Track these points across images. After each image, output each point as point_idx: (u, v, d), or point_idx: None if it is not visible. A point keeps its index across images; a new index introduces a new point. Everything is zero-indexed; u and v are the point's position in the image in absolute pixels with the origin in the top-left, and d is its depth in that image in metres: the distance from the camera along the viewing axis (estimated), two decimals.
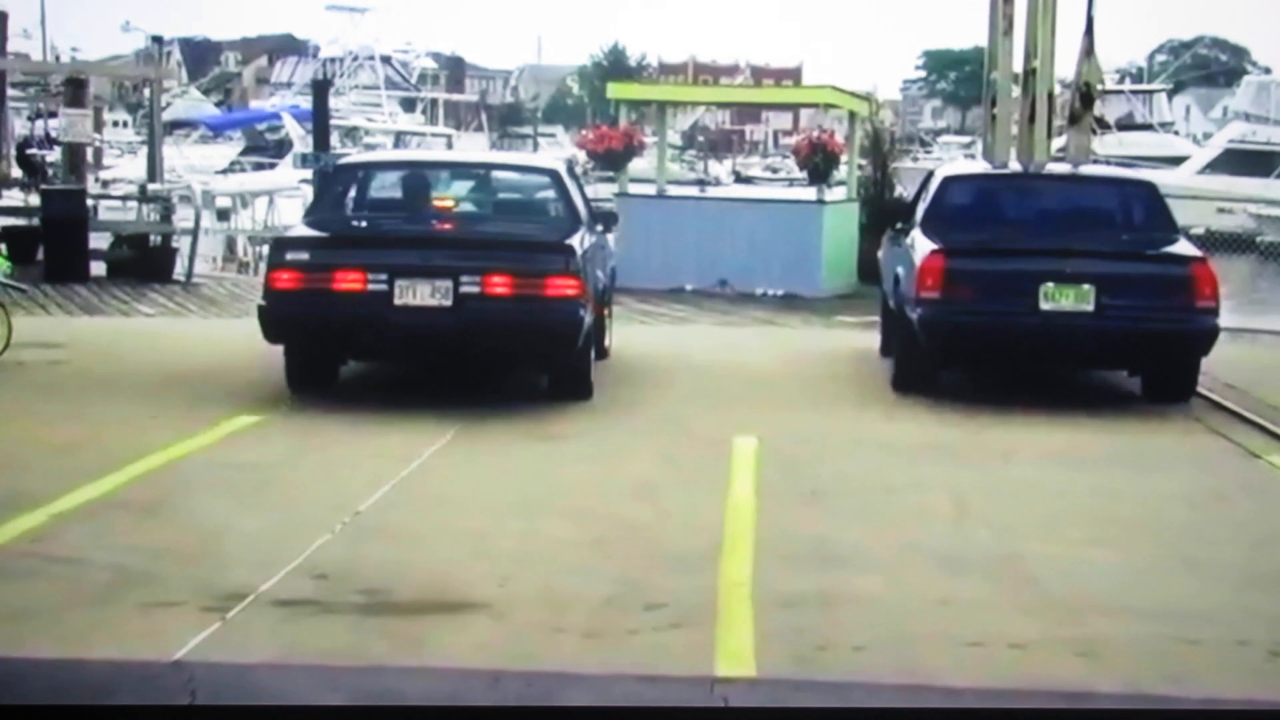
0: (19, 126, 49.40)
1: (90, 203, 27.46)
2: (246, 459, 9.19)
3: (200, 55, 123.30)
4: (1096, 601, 6.74)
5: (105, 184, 39.46)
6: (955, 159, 17.67)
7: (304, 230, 12.31)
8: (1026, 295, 11.63)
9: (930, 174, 13.94)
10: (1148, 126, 62.16)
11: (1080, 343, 11.77)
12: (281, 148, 50.71)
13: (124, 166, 50.39)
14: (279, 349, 11.52)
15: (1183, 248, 12.31)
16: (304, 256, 11.21)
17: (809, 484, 8.93)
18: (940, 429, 10.88)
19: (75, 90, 26.13)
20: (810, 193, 22.31)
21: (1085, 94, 21.36)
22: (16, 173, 35.92)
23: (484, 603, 6.41)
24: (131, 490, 8.31)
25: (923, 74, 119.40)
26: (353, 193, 12.98)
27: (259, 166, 48.20)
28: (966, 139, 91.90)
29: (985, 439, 10.56)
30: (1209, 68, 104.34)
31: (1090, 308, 11.61)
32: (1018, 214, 13.06)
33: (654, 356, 14.50)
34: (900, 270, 12.69)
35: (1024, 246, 12.16)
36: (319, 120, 26.91)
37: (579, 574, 6.89)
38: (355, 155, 20.11)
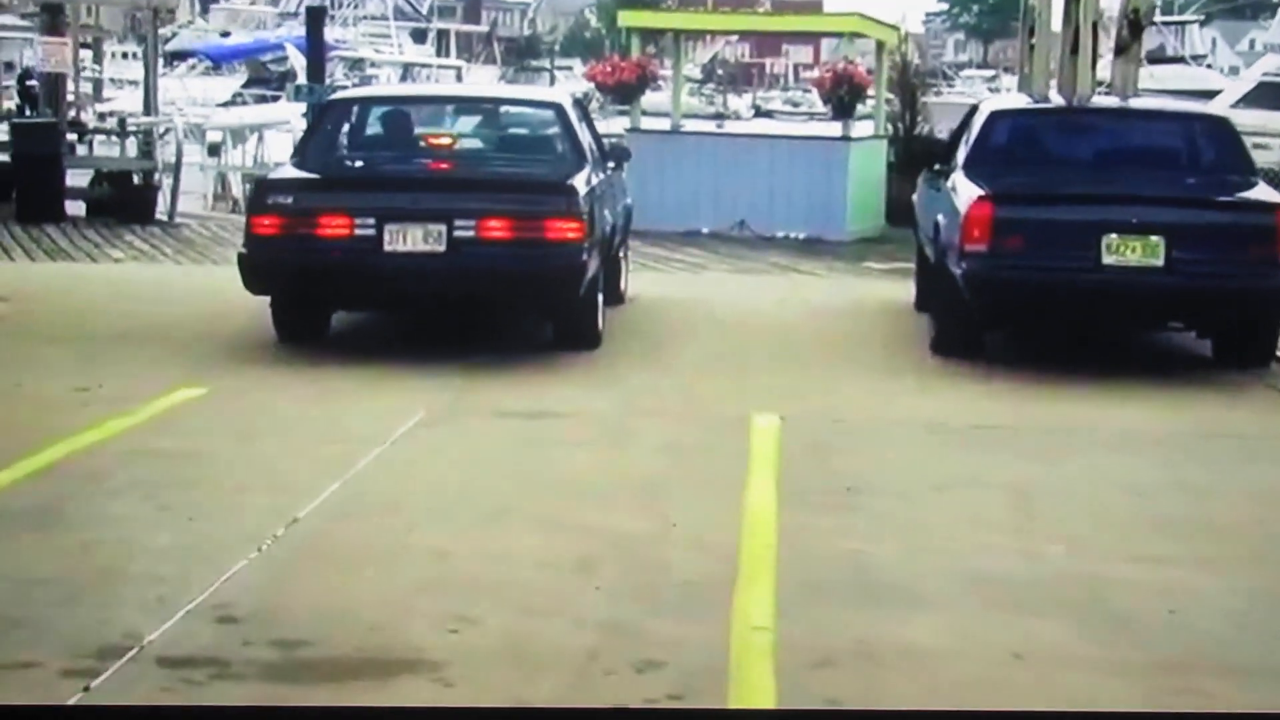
0: (27, 57, 47.85)
1: (71, 137, 26.11)
2: (176, 446, 7.76)
3: None
4: (1206, 655, 5.32)
5: (102, 117, 38.08)
6: (999, 95, 16.09)
7: (286, 171, 11.27)
8: (1086, 248, 10.15)
9: (973, 109, 12.42)
10: (1179, 59, 60.38)
11: (1148, 302, 10.33)
12: (285, 80, 49.10)
13: (124, 99, 48.88)
14: (249, 302, 10.48)
15: (1263, 193, 10.78)
16: (286, 200, 10.23)
17: (841, 479, 7.49)
18: (990, 403, 9.44)
19: (52, 17, 24.66)
20: (835, 128, 20.85)
21: (1134, 22, 19.73)
22: (15, 106, 34.49)
23: (429, 659, 4.99)
24: (18, 493, 6.86)
25: (945, 7, 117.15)
26: (343, 130, 11.85)
27: (262, 99, 46.65)
28: (989, 73, 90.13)
29: (1042, 416, 9.11)
30: (1235, 0, 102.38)
31: (1159, 262, 10.12)
32: (1075, 155, 11.51)
33: (666, 308, 13.14)
34: (941, 218, 11.20)
35: (1083, 192, 10.63)
36: (313, 51, 25.39)
37: (556, 614, 5.47)
38: (347, 90, 18.66)
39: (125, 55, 71.72)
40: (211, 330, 11.25)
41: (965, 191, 10.64)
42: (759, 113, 75.19)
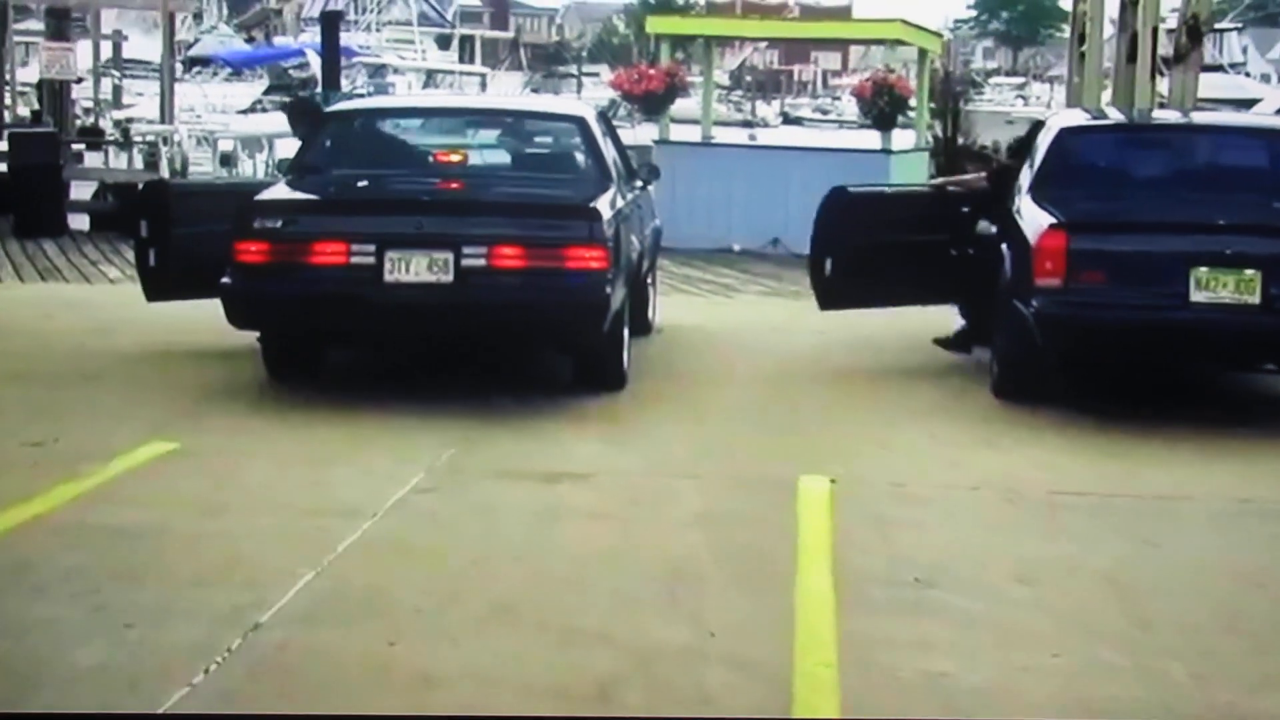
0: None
1: (79, 146, 25.13)
2: (130, 521, 6.60)
3: None
4: None
5: (118, 124, 37.16)
6: (1066, 110, 14.97)
7: (276, 191, 10.06)
8: (1173, 283, 8.99)
9: (1037, 125, 11.24)
10: (1218, 68, 59.14)
11: (1242, 343, 9.17)
12: (307, 86, 48.13)
13: (144, 106, 48.00)
14: (243, 333, 9.50)
15: None
16: (275, 224, 9.15)
17: (908, 565, 6.32)
18: (1068, 462, 8.28)
19: (57, 22, 23.69)
20: (868, 137, 19.76)
21: (1193, 28, 18.57)
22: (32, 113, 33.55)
23: None
24: None
25: (974, 13, 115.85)
26: (341, 146, 10.74)
27: (282, 107, 45.64)
28: (1019, 80, 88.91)
29: (1130, 479, 7.94)
30: (1267, 7, 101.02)
31: (1255, 299, 8.96)
32: (1157, 177, 10.31)
33: (697, 340, 12.07)
34: (1005, 247, 10.04)
35: (1169, 220, 9.45)
36: (329, 57, 24.40)
37: None
38: (348, 101, 17.54)
39: (145, 60, 70.94)
40: (198, 366, 10.17)
41: (1035, 219, 9.48)
42: (787, 120, 74.13)
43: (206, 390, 9.51)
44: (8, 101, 31.53)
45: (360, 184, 10.04)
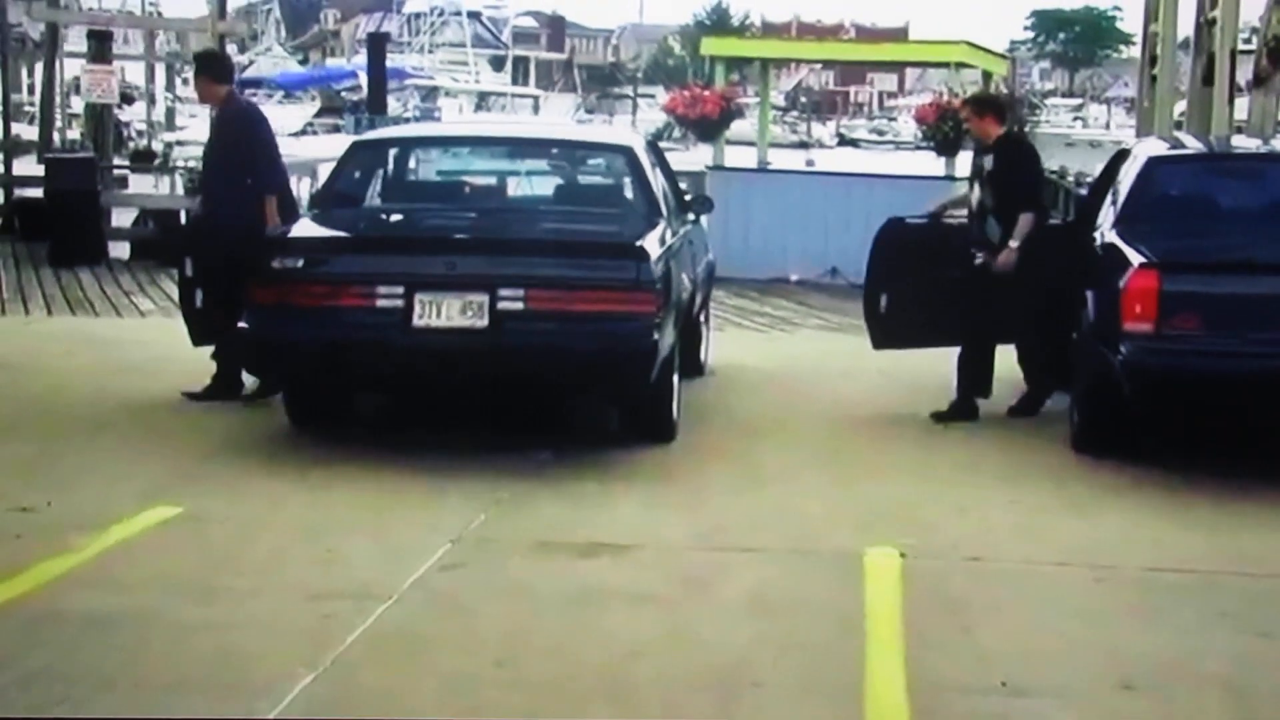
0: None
1: (122, 171, 24.65)
2: (114, 608, 5.85)
3: (300, 13, 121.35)
4: None
5: (169, 146, 36.81)
6: (1152, 138, 14.13)
7: (298, 228, 9.36)
8: (1277, 328, 8.19)
9: (1121, 154, 10.41)
10: None
11: None
12: (359, 108, 47.72)
13: (195, 128, 47.75)
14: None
15: None
16: (296, 263, 8.50)
17: (993, 666, 5.52)
18: (1165, 530, 7.46)
19: (99, 44, 23.16)
20: (927, 160, 18.97)
21: (1275, 49, 17.72)
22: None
23: None
24: None
25: (1031, 35, 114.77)
26: (370, 178, 10.06)
27: (334, 129, 45.26)
28: (1075, 101, 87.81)
29: (1240, 552, 7.09)
30: None
31: None
32: (1253, 211, 9.50)
33: (752, 382, 11.34)
34: (1088, 285, 9.23)
35: (1272, 259, 8.63)
36: (375, 79, 23.78)
37: None
38: (374, 130, 16.89)
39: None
40: (217, 414, 9.54)
41: (1122, 257, 8.67)
42: (843, 141, 73.39)
43: (223, 441, 8.83)
44: (58, 124, 31.17)
45: (388, 219, 9.33)
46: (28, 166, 24.90)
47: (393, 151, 10.33)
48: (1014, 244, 9.62)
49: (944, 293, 9.99)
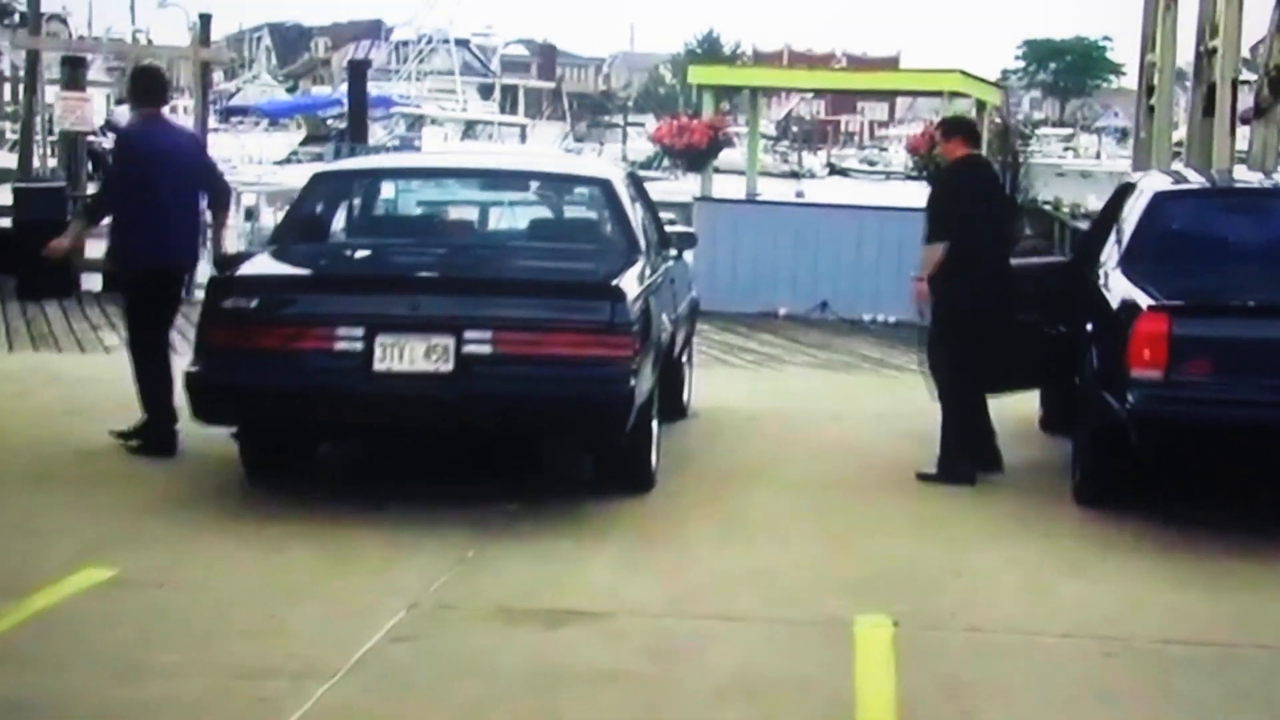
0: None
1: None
2: (26, 689, 5.26)
3: (291, 41, 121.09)
4: None
5: None
6: (1156, 172, 13.60)
7: (253, 265, 8.78)
8: None
9: (1125, 188, 9.91)
10: None
11: None
12: (343, 136, 47.33)
13: None
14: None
15: None
16: (249, 303, 7.96)
17: None
18: (1176, 595, 6.91)
19: (73, 71, 22.65)
20: (923, 193, 18.48)
21: (1276, 80, 17.25)
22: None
23: None
24: None
25: (1021, 64, 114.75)
26: (331, 212, 9.55)
27: (318, 158, 44.84)
28: (1066, 131, 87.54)
29: (1260, 618, 6.58)
30: None
31: None
32: (1268, 250, 8.98)
33: (736, 425, 10.79)
34: (1090, 327, 8.72)
35: None
36: (355, 107, 23.30)
37: None
38: (338, 161, 16.36)
39: (184, 110, 70.51)
40: (169, 463, 8.97)
41: (1129, 298, 8.17)
42: (833, 170, 73.02)
43: (171, 494, 8.27)
44: (40, 152, 30.64)
45: (349, 256, 8.81)
46: (6, 196, 24.43)
47: (356, 184, 9.80)
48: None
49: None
